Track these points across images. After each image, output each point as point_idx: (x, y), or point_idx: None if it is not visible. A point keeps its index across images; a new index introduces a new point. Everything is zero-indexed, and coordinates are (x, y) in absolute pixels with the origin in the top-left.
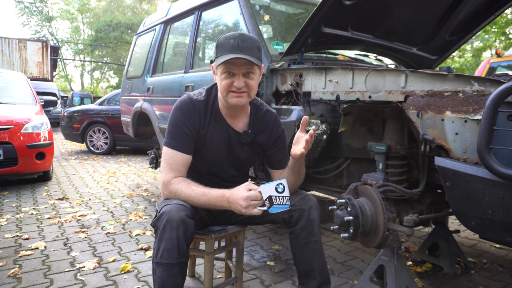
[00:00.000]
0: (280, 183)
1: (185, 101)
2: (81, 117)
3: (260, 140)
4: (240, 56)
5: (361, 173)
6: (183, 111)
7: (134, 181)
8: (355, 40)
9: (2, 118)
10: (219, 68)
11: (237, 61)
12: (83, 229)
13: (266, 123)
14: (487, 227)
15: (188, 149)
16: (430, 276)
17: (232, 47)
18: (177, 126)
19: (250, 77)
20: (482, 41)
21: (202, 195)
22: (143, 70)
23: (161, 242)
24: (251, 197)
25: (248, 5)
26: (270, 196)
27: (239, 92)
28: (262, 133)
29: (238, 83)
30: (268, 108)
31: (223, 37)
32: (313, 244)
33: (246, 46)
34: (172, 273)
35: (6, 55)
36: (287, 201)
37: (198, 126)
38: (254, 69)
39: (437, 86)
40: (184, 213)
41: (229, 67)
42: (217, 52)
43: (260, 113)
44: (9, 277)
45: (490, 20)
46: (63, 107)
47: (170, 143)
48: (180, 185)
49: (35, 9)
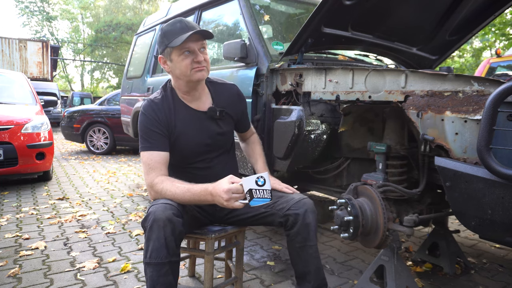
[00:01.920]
0: (260, 176)
1: (146, 105)
2: (81, 117)
3: (230, 112)
4: (197, 30)
5: (361, 173)
6: (147, 115)
7: (134, 181)
8: (355, 40)
9: (2, 118)
10: (175, 52)
11: (192, 38)
12: (83, 229)
13: (230, 95)
14: (487, 227)
15: (162, 147)
16: (430, 276)
17: (182, 29)
18: (146, 129)
19: (205, 52)
20: (482, 41)
21: (187, 191)
22: (143, 70)
23: (149, 242)
24: (232, 190)
25: (248, 5)
26: (251, 189)
27: (201, 67)
28: (229, 105)
29: (199, 57)
30: (227, 82)
31: (165, 25)
32: (309, 248)
33: (192, 25)
34: (163, 272)
35: (6, 55)
36: (268, 195)
37: (166, 122)
38: (205, 44)
39: (437, 86)
40: (171, 211)
41: (186, 46)
42: (167, 39)
43: (221, 88)
44: (9, 277)
45: (490, 20)
46: (63, 107)
47: (144, 146)
48: (165, 184)
49: (35, 9)
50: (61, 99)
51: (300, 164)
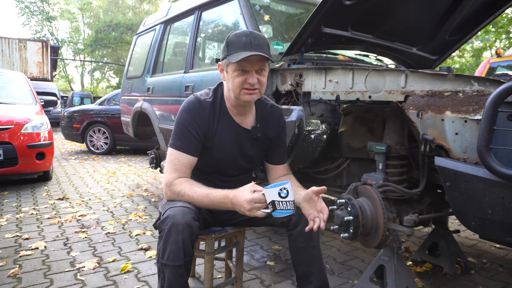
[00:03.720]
0: (283, 187)
1: (192, 102)
2: (81, 117)
3: (269, 134)
4: (256, 53)
5: (361, 173)
6: (190, 113)
7: (134, 181)
8: (355, 40)
9: (2, 118)
10: (231, 66)
11: (251, 58)
12: (83, 229)
13: (272, 118)
14: (487, 227)
15: (193, 151)
16: (430, 276)
17: (246, 45)
18: (184, 128)
19: (262, 74)
20: (482, 41)
21: (205, 196)
22: (143, 70)
23: (166, 244)
24: (255, 200)
25: (248, 5)
26: (273, 201)
27: (252, 89)
28: (269, 127)
29: (252, 79)
30: (272, 103)
31: (233, 34)
32: (312, 248)
33: (258, 44)
34: (179, 273)
35: (6, 55)
36: (291, 206)
37: (206, 127)
38: (266, 66)
39: (437, 86)
40: (190, 216)
41: (243, 64)
42: (228, 50)
43: (266, 108)
44: (9, 277)
45: (490, 20)
46: (63, 107)
47: (175, 144)
48: (183, 186)
49: (35, 9)
50: (61, 99)
51: (300, 164)
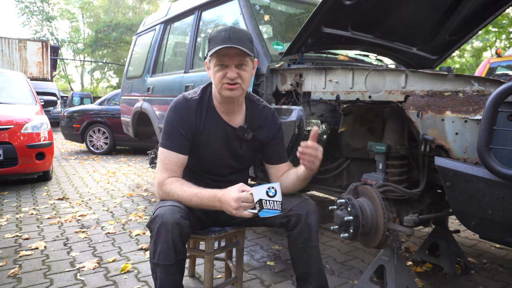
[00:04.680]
0: (271, 186)
1: (179, 101)
2: (81, 117)
3: (259, 137)
4: (231, 45)
5: (361, 173)
6: (177, 112)
7: (134, 181)
8: (355, 40)
9: (2, 118)
10: (212, 61)
11: (229, 52)
12: (83, 229)
13: (264, 119)
14: (487, 227)
15: (183, 150)
16: (430, 276)
17: (224, 39)
18: (172, 127)
19: (243, 69)
20: (482, 41)
21: (194, 196)
22: (143, 70)
23: (157, 244)
24: (242, 199)
25: (248, 5)
26: (261, 200)
27: (232, 84)
28: (260, 129)
29: (231, 73)
30: (265, 104)
31: (214, 30)
32: (310, 249)
33: (237, 37)
34: (170, 273)
35: (6, 55)
36: (278, 206)
37: (194, 125)
38: (247, 60)
39: (437, 86)
40: (179, 214)
41: (221, 59)
42: (209, 45)
43: (257, 109)
44: (9, 277)
45: (490, 20)
46: (63, 107)
47: (165, 143)
48: (173, 186)
49: (35, 9)
50: (61, 99)
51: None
